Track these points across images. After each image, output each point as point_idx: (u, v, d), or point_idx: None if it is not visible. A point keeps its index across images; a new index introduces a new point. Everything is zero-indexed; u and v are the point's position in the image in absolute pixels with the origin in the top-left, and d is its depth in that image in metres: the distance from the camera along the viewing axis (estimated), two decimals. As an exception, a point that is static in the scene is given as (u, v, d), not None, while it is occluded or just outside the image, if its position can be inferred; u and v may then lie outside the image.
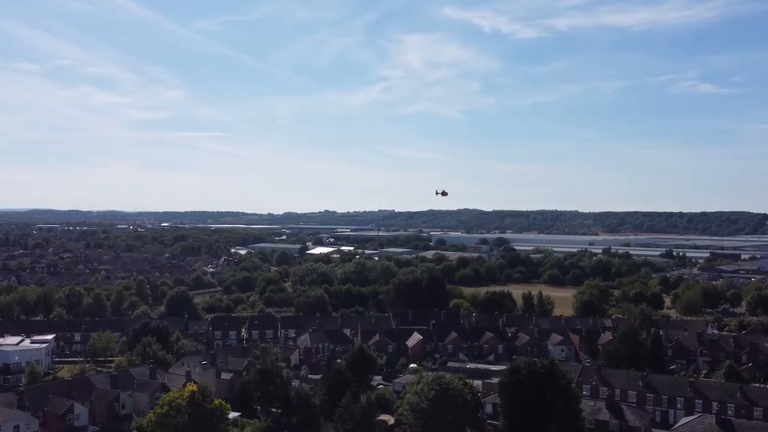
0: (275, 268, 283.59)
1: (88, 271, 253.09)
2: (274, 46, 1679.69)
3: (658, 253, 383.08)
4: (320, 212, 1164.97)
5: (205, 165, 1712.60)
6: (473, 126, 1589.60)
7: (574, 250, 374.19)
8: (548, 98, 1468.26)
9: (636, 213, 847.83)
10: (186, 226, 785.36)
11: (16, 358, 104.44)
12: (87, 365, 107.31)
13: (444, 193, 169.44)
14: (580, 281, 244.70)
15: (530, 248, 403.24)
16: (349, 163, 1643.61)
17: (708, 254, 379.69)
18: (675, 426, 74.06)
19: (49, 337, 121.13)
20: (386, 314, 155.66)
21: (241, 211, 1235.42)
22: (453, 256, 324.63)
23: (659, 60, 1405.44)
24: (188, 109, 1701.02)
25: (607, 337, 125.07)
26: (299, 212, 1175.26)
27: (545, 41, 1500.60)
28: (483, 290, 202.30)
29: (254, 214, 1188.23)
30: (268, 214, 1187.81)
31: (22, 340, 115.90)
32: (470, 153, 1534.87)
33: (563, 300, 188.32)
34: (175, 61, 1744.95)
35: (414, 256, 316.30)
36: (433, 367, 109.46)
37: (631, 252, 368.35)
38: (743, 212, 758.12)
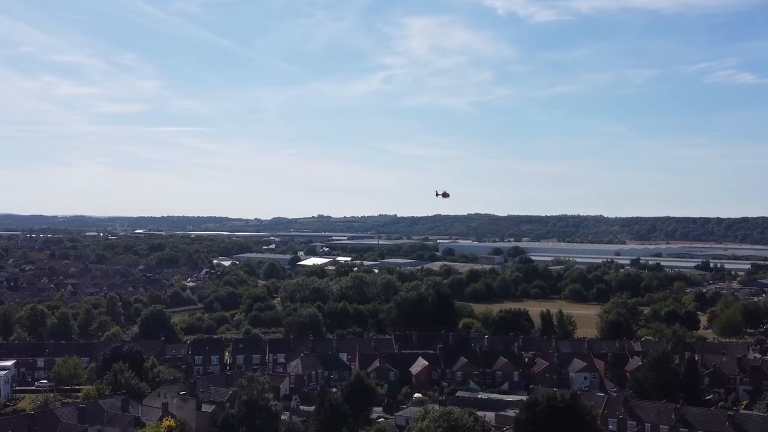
0: (263, 282, 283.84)
1: (53, 285, 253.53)
2: (260, 30, 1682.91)
3: (692, 264, 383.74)
4: (313, 217, 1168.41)
5: (183, 164, 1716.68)
6: (486, 120, 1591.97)
7: (599, 261, 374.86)
8: (570, 89, 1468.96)
9: (668, 218, 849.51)
10: (162, 233, 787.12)
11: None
12: (51, 395, 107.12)
13: (445, 195, 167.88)
14: (605, 297, 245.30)
15: (549, 259, 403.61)
16: (346, 162, 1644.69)
17: (749, 266, 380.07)
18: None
19: (9, 362, 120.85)
20: (387, 336, 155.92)
21: (224, 216, 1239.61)
22: (462, 268, 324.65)
23: (694, 46, 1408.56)
24: (164, 102, 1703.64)
25: (635, 362, 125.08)
26: (290, 217, 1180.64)
27: (566, 25, 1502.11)
28: (496, 307, 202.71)
29: (239, 220, 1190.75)
30: (255, 219, 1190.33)
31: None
32: (482, 150, 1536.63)
33: (586, 319, 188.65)
34: (150, 48, 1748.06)
35: (419, 268, 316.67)
36: (440, 397, 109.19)
37: (662, 263, 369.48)
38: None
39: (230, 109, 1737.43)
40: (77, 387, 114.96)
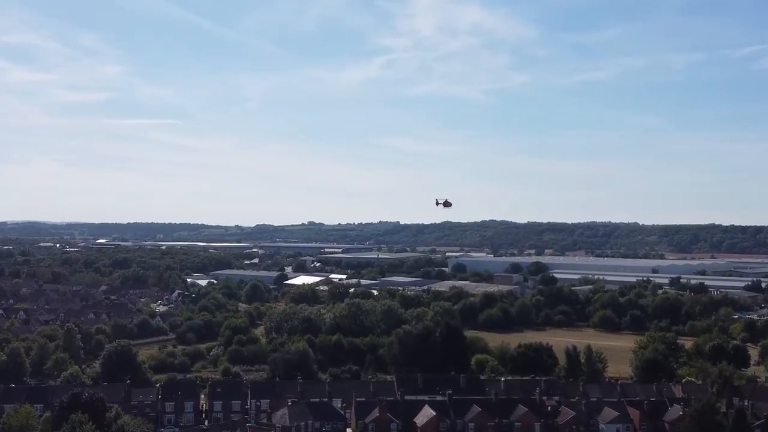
0: (244, 307, 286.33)
1: (0, 311, 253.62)
2: (242, 7, 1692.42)
3: (741, 284, 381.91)
4: (303, 225, 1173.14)
5: (153, 162, 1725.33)
6: (501, 111, 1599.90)
7: (633, 279, 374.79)
8: (600, 75, 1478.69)
9: (713, 227, 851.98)
10: (129, 244, 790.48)
11: None
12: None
13: (446, 204, 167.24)
14: (640, 325, 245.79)
15: (575, 277, 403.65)
16: (341, 160, 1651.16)
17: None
18: None
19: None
20: (388, 377, 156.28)
21: (200, 222, 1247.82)
22: (475, 289, 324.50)
23: (741, 27, 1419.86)
24: (131, 90, 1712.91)
25: (675, 411, 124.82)
26: (276, 224, 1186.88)
27: (595, 2, 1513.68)
28: (515, 338, 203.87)
29: (217, 227, 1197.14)
30: (236, 227, 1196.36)
31: None
32: (497, 146, 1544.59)
33: (619, 353, 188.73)
34: (115, 27, 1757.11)
35: (424, 289, 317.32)
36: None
37: (707, 283, 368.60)
38: None
39: (208, 99, 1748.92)
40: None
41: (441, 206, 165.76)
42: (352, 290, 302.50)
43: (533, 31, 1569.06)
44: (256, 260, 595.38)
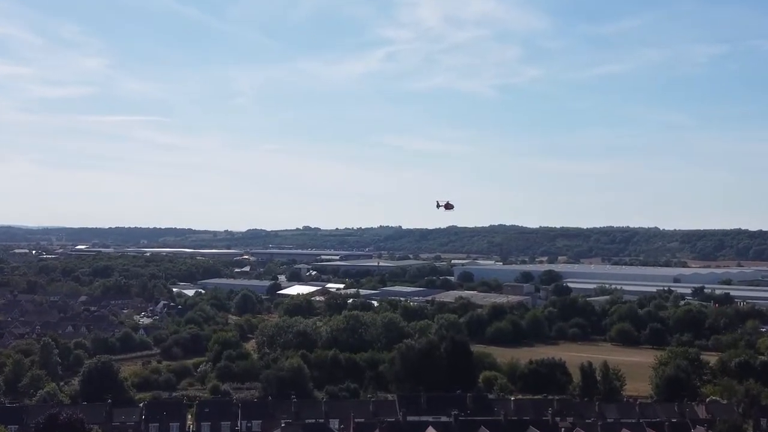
0: (234, 319, 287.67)
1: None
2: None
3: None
4: (298, 230, 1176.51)
5: (136, 162, 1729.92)
6: (511, 108, 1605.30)
7: (653, 289, 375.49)
8: (617, 69, 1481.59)
9: (740, 232, 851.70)
10: (110, 250, 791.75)
11: None
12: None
13: (448, 206, 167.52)
14: (660, 339, 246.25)
15: (591, 286, 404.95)
16: (338, 159, 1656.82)
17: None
18: None
19: None
20: (389, 395, 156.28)
21: (187, 227, 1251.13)
22: (483, 300, 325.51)
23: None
24: (113, 84, 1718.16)
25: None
26: (268, 229, 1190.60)
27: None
28: (525, 354, 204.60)
29: (206, 232, 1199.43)
30: (226, 232, 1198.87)
31: None
32: (507, 146, 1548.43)
33: (638, 369, 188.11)
34: (95, 17, 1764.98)
35: (428, 299, 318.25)
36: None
37: (732, 293, 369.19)
38: None
39: (195, 94, 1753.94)
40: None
41: (442, 209, 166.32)
42: (350, 301, 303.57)
43: (546, 21, 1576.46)
44: (247, 268, 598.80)
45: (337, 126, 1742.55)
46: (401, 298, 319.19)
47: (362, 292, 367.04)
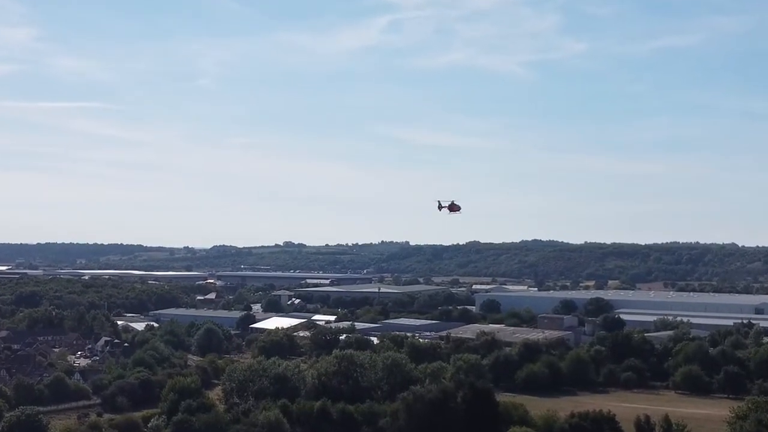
0: (196, 360, 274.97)
1: None
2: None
3: None
4: (277, 247, 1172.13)
5: (72, 160, 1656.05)
6: (549, 91, 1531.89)
7: (729, 322, 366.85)
8: (685, 42, 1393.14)
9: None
10: (38, 272, 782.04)
11: None
12: None
13: (453, 208, 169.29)
14: (738, 387, 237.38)
15: (651, 318, 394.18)
16: (328, 156, 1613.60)
17: None
18: None
19: None
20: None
21: (136, 243, 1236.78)
22: (512, 335, 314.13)
23: None
24: (43, 61, 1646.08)
25: None
26: (239, 246, 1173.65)
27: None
28: (566, 404, 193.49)
29: (160, 250, 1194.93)
30: (186, 249, 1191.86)
31: None
32: (542, 140, 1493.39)
33: (708, 424, 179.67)
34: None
35: (443, 335, 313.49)
36: None
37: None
38: None
39: (147, 74, 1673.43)
40: None
41: (446, 210, 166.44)
42: (343, 337, 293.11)
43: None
44: (212, 295, 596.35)
45: (327, 114, 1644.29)
46: (408, 334, 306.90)
47: (358, 325, 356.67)
